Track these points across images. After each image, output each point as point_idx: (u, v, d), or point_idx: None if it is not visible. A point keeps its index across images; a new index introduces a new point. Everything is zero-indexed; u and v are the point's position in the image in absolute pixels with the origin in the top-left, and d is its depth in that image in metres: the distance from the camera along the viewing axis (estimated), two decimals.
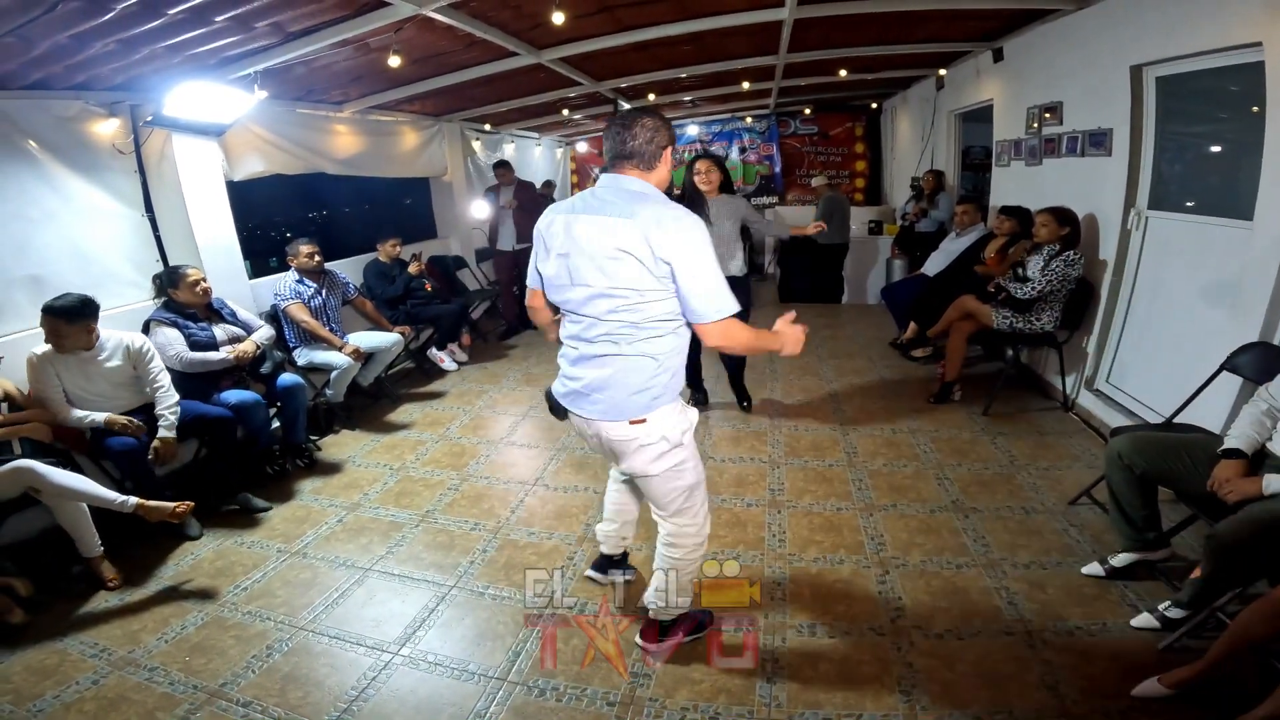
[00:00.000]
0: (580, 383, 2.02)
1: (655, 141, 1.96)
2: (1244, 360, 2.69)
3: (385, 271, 5.52)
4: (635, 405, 1.97)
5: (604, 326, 1.93)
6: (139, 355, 3.30)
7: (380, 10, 3.20)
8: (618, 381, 1.96)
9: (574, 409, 2.08)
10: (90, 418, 3.09)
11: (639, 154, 1.95)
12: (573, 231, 1.93)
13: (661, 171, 2.01)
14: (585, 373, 2.01)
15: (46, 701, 2.26)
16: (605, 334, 1.94)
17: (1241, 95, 3.07)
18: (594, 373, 1.99)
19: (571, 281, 1.95)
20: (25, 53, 2.93)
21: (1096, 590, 2.53)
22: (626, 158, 1.96)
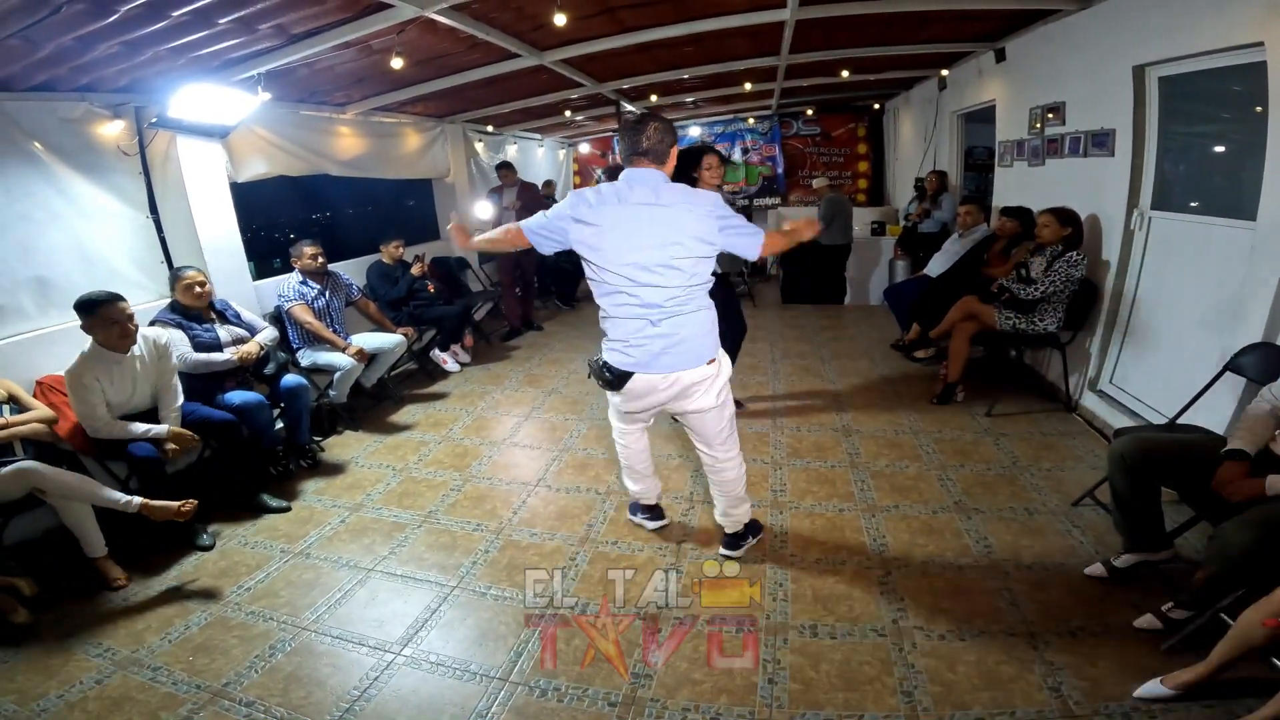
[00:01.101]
0: (659, 344, 2.43)
1: (665, 141, 2.39)
2: (1247, 361, 2.69)
3: (388, 273, 5.54)
4: (708, 348, 2.52)
5: (673, 293, 2.39)
6: (165, 351, 3.30)
7: (383, 12, 3.21)
8: (692, 334, 2.46)
9: (651, 370, 2.48)
10: (152, 431, 3.11)
11: (653, 151, 2.37)
12: (636, 218, 2.34)
13: (670, 165, 2.44)
14: (662, 334, 2.43)
15: (50, 701, 2.27)
16: (675, 299, 2.40)
17: (1244, 95, 3.06)
18: (673, 332, 2.43)
19: (643, 263, 2.35)
20: (30, 55, 2.94)
21: (1099, 591, 2.52)
22: (643, 154, 2.38)
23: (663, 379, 2.49)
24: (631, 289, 2.39)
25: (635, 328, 2.45)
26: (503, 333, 6.92)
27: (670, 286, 2.38)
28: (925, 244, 6.51)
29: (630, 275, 2.37)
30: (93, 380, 3.00)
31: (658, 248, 2.33)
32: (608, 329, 2.56)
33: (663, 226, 2.32)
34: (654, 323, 2.42)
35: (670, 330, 2.43)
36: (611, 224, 2.35)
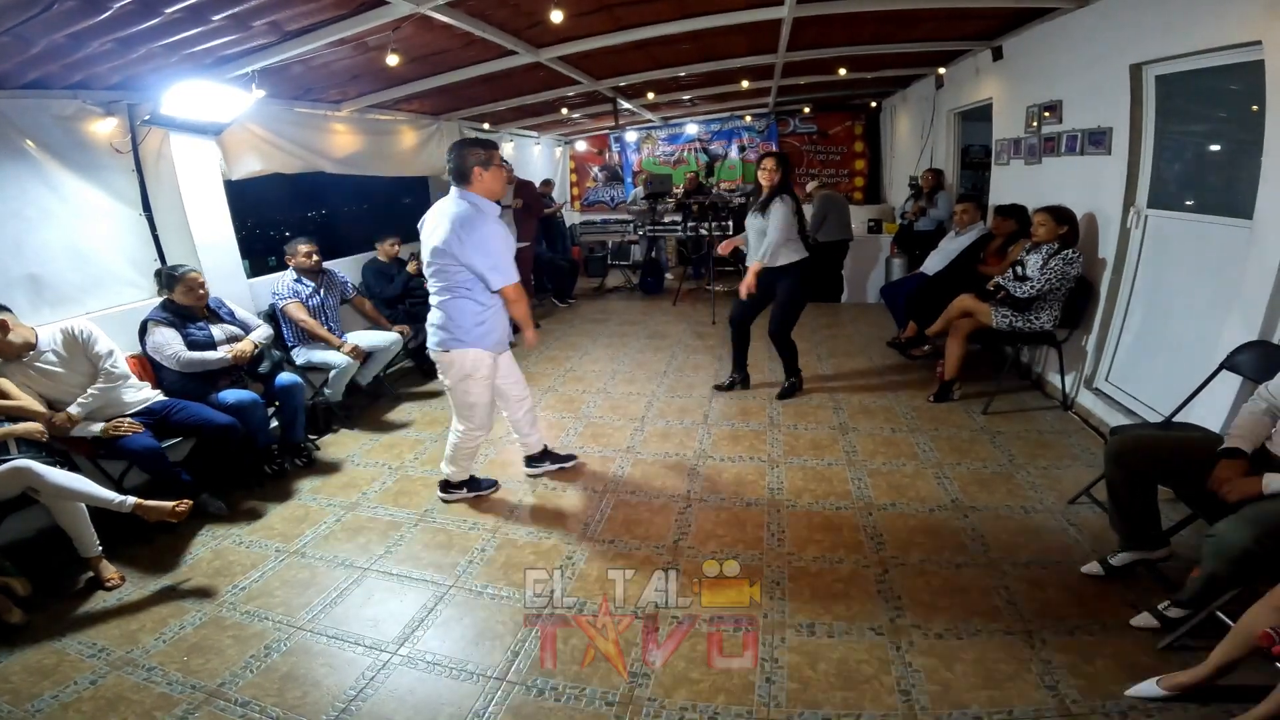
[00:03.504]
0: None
1: (464, 164, 2.93)
2: (1243, 359, 2.69)
3: (384, 271, 5.52)
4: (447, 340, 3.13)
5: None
6: (86, 344, 3.21)
7: (378, 9, 3.20)
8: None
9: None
10: (89, 430, 3.10)
11: (453, 172, 2.95)
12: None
13: (478, 185, 2.95)
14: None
15: (45, 701, 2.25)
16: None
17: (1241, 94, 3.07)
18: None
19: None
20: (22, 52, 2.92)
21: (1096, 589, 2.53)
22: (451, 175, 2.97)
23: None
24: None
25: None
26: None
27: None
28: (921, 242, 6.51)
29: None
30: (13, 380, 3.00)
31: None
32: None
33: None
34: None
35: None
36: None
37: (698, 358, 5.75)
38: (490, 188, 2.97)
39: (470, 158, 2.91)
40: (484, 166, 2.93)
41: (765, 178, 4.24)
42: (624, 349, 6.16)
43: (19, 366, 3.05)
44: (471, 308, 3.01)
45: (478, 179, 2.93)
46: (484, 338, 3.08)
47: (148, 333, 3.56)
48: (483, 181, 2.94)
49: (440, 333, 3.07)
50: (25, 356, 3.07)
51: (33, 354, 3.09)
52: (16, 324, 3.06)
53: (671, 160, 10.89)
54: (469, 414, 3.24)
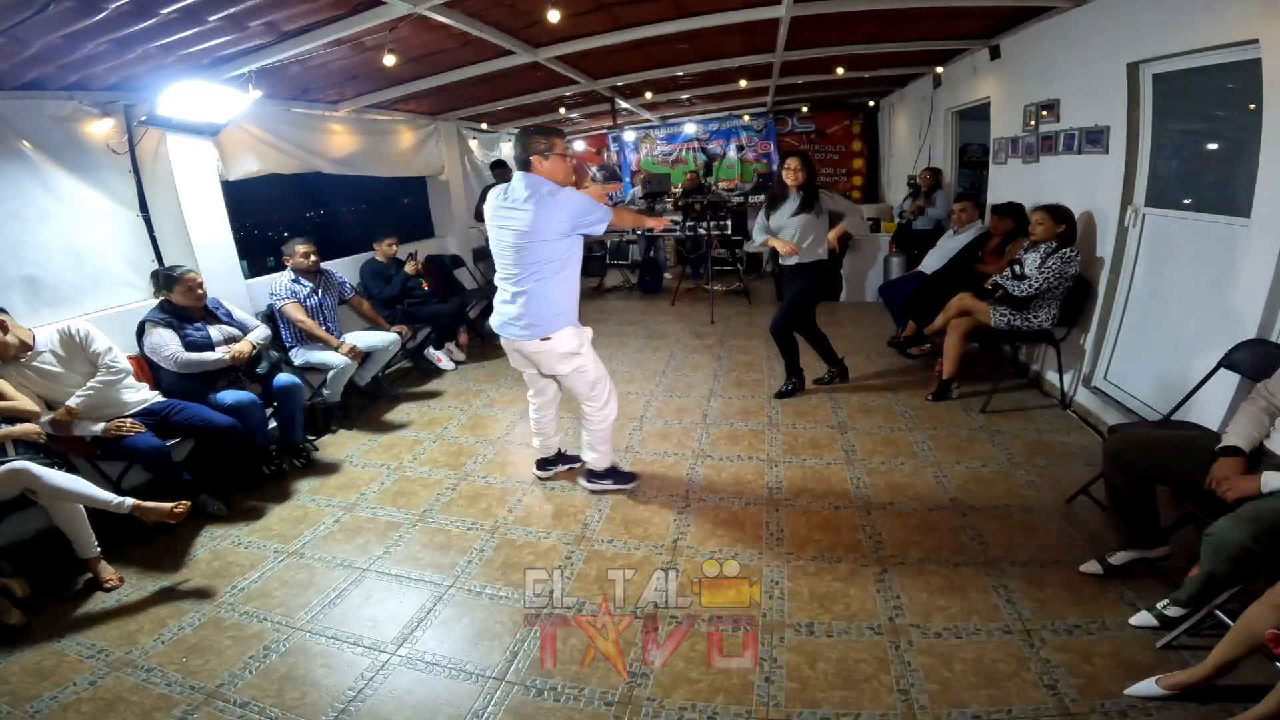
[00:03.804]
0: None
1: (526, 151, 2.94)
2: (1241, 357, 2.69)
3: (382, 271, 5.51)
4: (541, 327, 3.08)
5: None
6: (84, 343, 3.23)
7: (375, 9, 3.20)
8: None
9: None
10: (88, 430, 3.09)
11: (516, 159, 3.00)
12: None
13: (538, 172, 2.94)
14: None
15: (44, 703, 2.25)
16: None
17: (1238, 92, 3.07)
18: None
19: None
20: (18, 53, 2.92)
21: (1095, 588, 2.53)
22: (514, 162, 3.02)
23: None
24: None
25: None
26: None
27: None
28: (920, 241, 6.51)
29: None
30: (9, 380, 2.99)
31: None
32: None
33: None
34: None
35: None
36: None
37: (696, 357, 5.74)
38: (554, 174, 2.95)
39: (532, 145, 2.90)
40: (543, 156, 2.92)
41: (791, 177, 4.27)
42: (622, 349, 6.15)
43: (16, 368, 3.05)
44: (558, 287, 3.00)
45: (537, 166, 2.92)
46: (574, 312, 3.13)
47: (145, 334, 3.55)
48: (542, 170, 2.93)
49: (530, 322, 3.01)
50: (23, 358, 3.07)
51: (30, 355, 3.09)
52: (13, 325, 3.05)
53: (670, 160, 10.89)
54: (597, 390, 3.23)
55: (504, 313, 3.08)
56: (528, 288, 2.96)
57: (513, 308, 3.03)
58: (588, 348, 3.17)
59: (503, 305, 3.08)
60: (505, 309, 3.07)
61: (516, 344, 3.12)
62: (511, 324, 3.06)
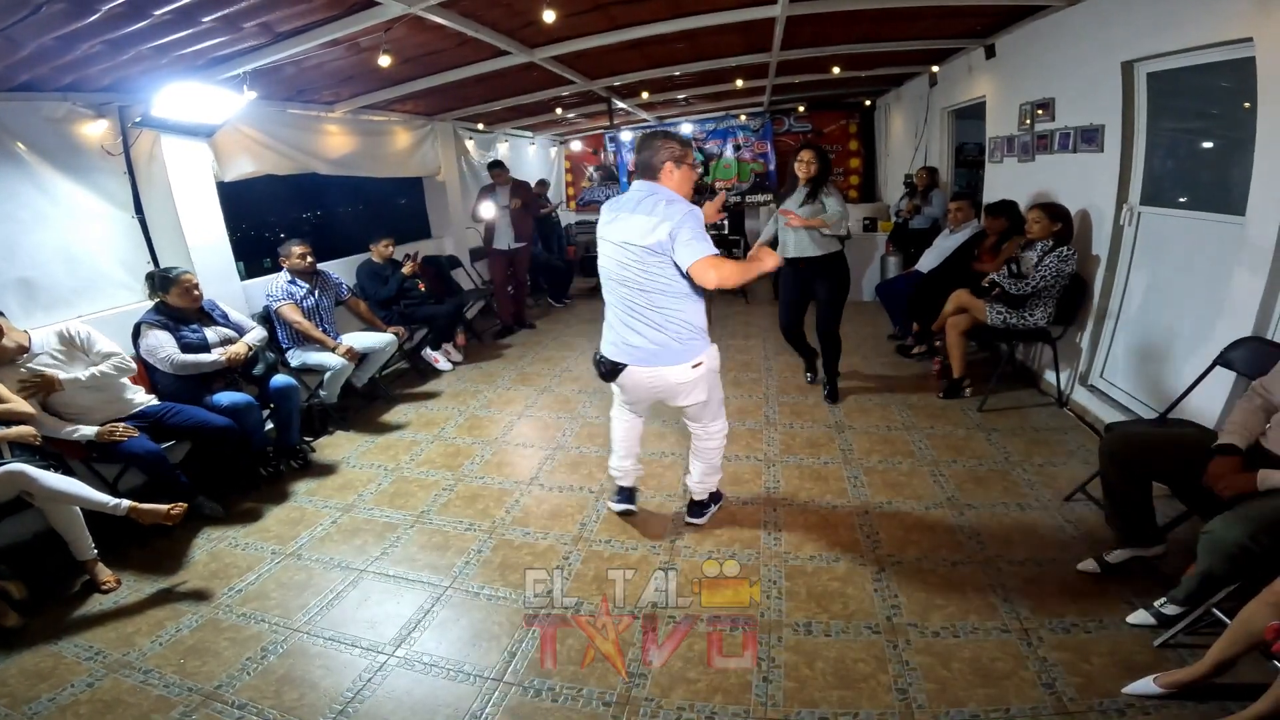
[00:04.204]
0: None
1: (657, 157, 2.60)
2: (1237, 355, 2.70)
3: (378, 272, 5.50)
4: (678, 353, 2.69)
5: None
6: (85, 344, 3.26)
7: (370, 10, 3.18)
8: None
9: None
10: (79, 431, 3.07)
11: (642, 165, 2.64)
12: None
13: (667, 182, 2.62)
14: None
15: (42, 705, 2.25)
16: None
17: (1232, 91, 3.08)
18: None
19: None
20: (12, 54, 2.90)
21: (1092, 587, 2.53)
22: (639, 167, 2.66)
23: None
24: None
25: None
26: (495, 331, 6.91)
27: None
28: (916, 240, 6.51)
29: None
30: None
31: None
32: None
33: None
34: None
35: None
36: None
37: None
38: (681, 188, 2.62)
39: (663, 151, 2.57)
40: (676, 164, 2.60)
41: (804, 170, 4.21)
42: None
43: (12, 369, 3.04)
44: (695, 304, 2.64)
45: (668, 175, 2.59)
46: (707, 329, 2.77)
47: (141, 335, 3.54)
48: (672, 179, 2.60)
49: (671, 348, 2.63)
50: (18, 360, 3.06)
51: (26, 356, 3.08)
52: (9, 328, 3.05)
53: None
54: (718, 409, 2.94)
55: (632, 341, 2.66)
56: (666, 308, 2.58)
57: (649, 332, 2.62)
58: (718, 363, 2.83)
59: (628, 331, 2.66)
60: (633, 336, 2.65)
61: (649, 375, 2.69)
62: (645, 352, 2.65)
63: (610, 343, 2.75)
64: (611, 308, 2.72)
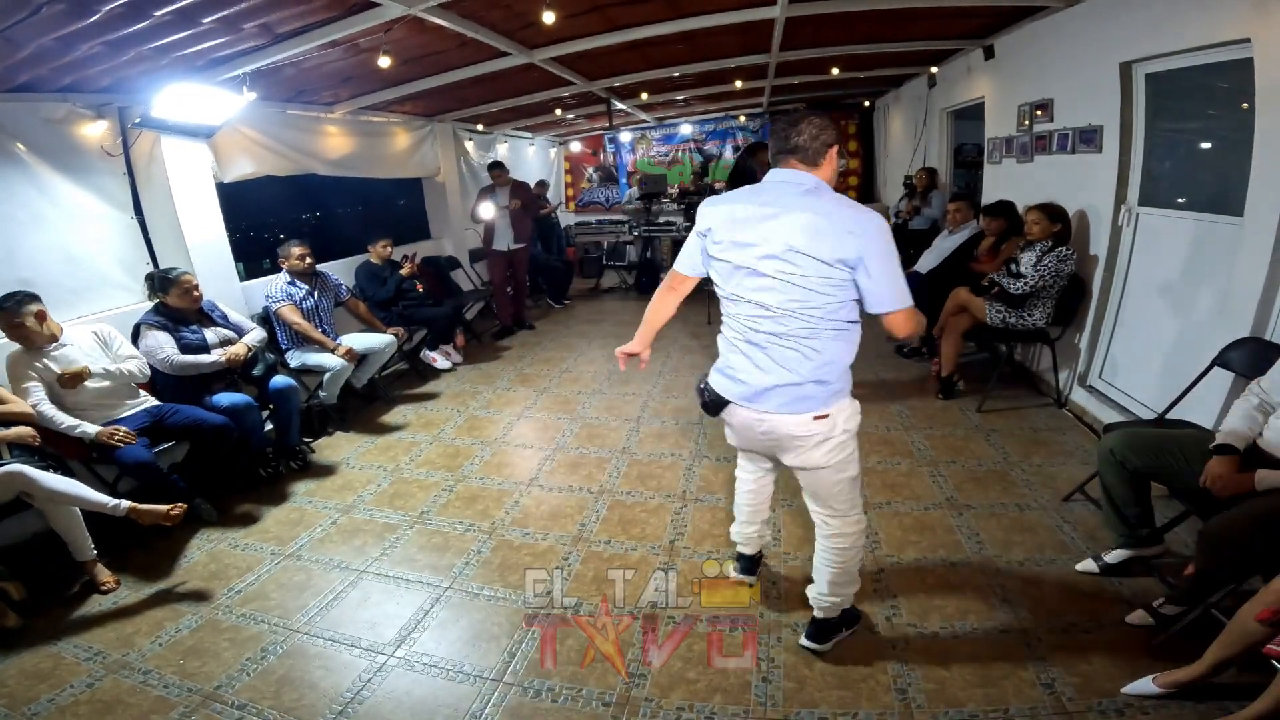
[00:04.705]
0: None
1: (820, 139, 1.98)
2: (1235, 355, 2.71)
3: (376, 273, 5.50)
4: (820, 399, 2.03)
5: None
6: (107, 342, 3.36)
7: (369, 11, 3.19)
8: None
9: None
10: (81, 428, 3.07)
11: (803, 149, 1.98)
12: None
13: (826, 171, 2.02)
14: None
15: (41, 705, 2.25)
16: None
17: (1230, 91, 3.08)
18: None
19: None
20: (11, 55, 2.91)
21: (1091, 587, 2.54)
22: (790, 152, 1.99)
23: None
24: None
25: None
26: (494, 332, 6.91)
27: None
28: (915, 241, 6.51)
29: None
30: (24, 368, 3.06)
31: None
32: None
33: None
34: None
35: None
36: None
37: (693, 358, 5.74)
38: (831, 177, 2.04)
39: (826, 133, 1.98)
40: (834, 147, 2.04)
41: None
42: None
43: (37, 354, 3.10)
44: (847, 342, 2.07)
45: (829, 163, 2.02)
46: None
47: (140, 336, 3.55)
48: (830, 166, 2.03)
49: (801, 390, 1.99)
50: (46, 347, 3.14)
51: (54, 345, 3.17)
52: (49, 317, 3.15)
53: (666, 160, 10.88)
54: (854, 492, 2.18)
55: (748, 376, 2.04)
56: (813, 341, 1.96)
57: (772, 367, 1.99)
58: (857, 425, 2.15)
59: (745, 362, 2.04)
60: (750, 370, 2.03)
61: (765, 420, 2.05)
62: (764, 393, 2.02)
63: (719, 370, 2.16)
64: (731, 329, 2.10)
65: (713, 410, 2.19)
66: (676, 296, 2.38)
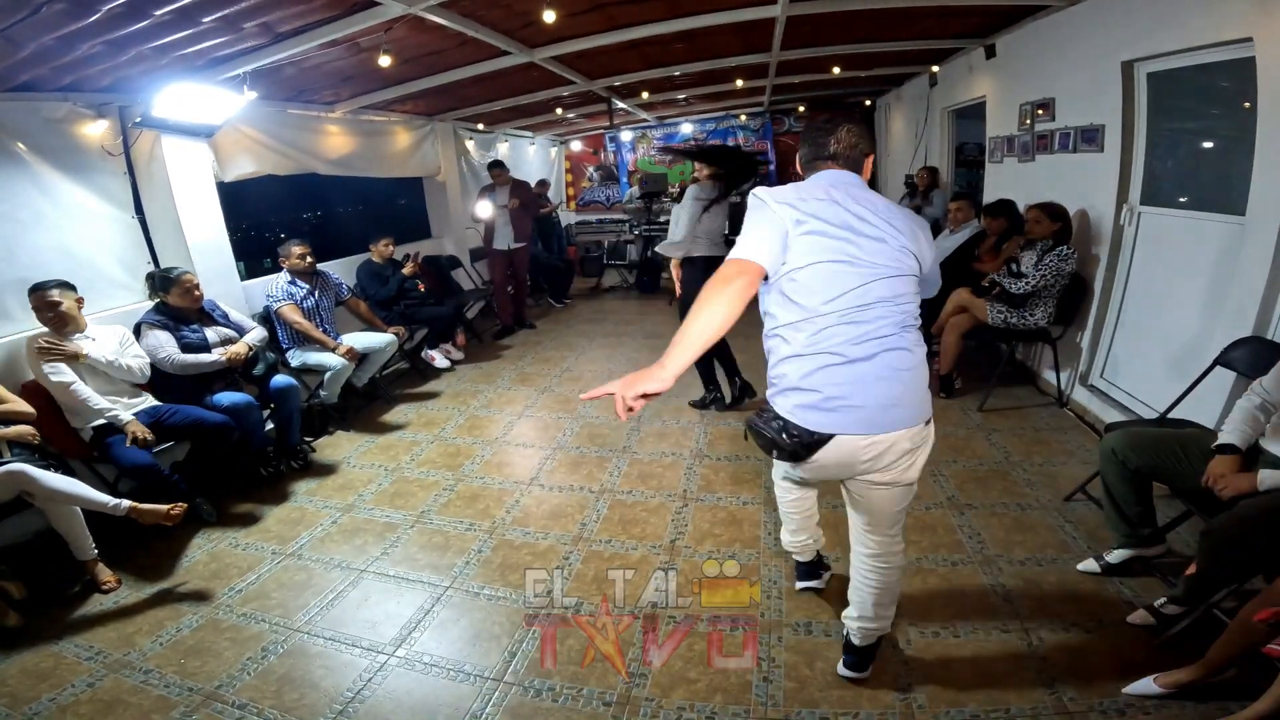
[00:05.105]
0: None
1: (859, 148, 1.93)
2: (1237, 355, 2.70)
3: (378, 272, 5.50)
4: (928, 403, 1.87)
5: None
6: (123, 341, 3.42)
7: (370, 10, 3.19)
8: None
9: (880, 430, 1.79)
10: (114, 412, 3.13)
11: (843, 156, 1.93)
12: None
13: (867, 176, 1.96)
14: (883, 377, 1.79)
15: (43, 705, 2.25)
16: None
17: (1232, 91, 3.08)
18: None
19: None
20: (12, 55, 2.90)
21: (1092, 587, 2.53)
22: (831, 158, 1.93)
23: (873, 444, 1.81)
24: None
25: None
26: (495, 331, 6.91)
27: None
28: None
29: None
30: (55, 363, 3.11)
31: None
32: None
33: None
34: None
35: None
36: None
37: None
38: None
39: (865, 142, 1.95)
40: (870, 156, 2.00)
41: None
42: (620, 349, 6.16)
43: (61, 336, 3.19)
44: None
45: (866, 172, 1.96)
46: None
47: (141, 335, 3.55)
48: (867, 176, 1.97)
49: (915, 398, 1.83)
50: (68, 329, 3.21)
51: (75, 331, 3.24)
52: (79, 311, 3.27)
53: (667, 160, 10.88)
54: (903, 513, 2.03)
55: (857, 395, 1.76)
56: (913, 341, 1.85)
57: (892, 380, 1.78)
58: None
59: (852, 376, 1.77)
60: (869, 386, 1.76)
61: (877, 442, 1.80)
62: (888, 409, 1.79)
63: (856, 404, 1.77)
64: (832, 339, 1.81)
65: (805, 454, 1.88)
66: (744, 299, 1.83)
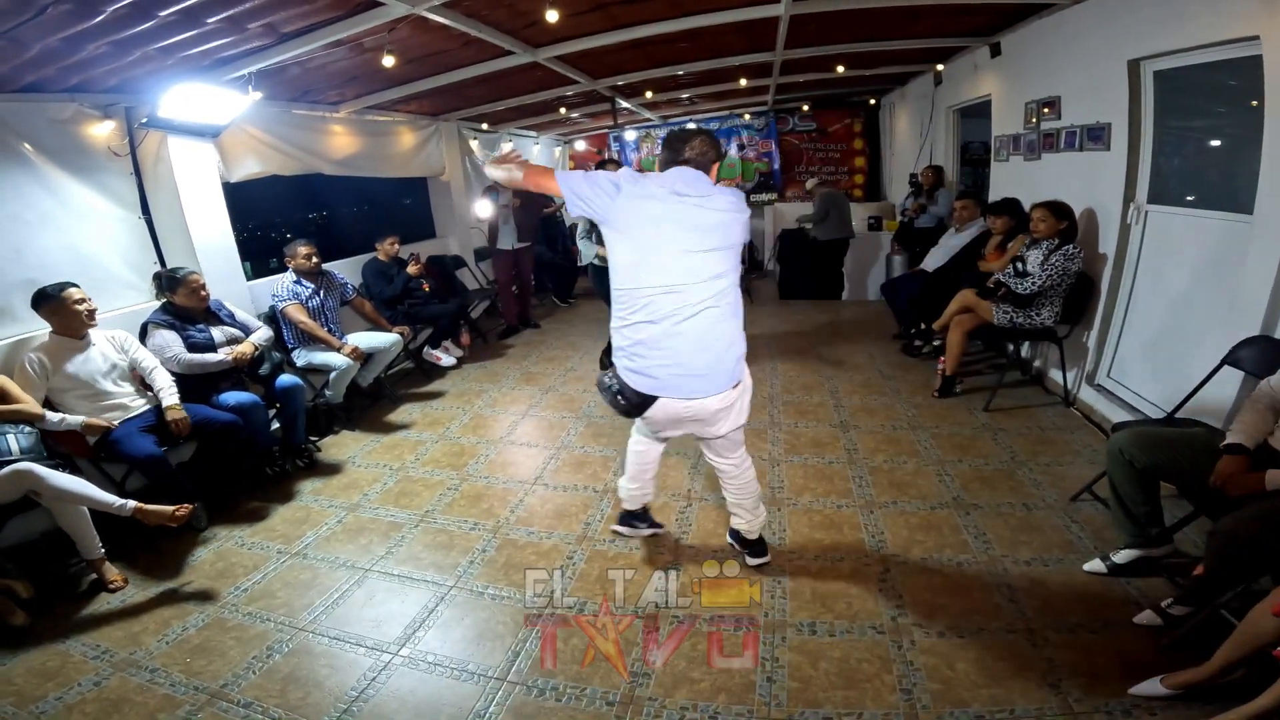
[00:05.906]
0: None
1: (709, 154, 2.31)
2: (1245, 354, 2.69)
3: (384, 271, 5.52)
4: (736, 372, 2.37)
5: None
6: (123, 346, 3.41)
7: (374, 10, 3.19)
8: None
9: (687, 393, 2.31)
10: (64, 420, 3.07)
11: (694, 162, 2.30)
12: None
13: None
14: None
15: (49, 703, 2.26)
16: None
17: (1239, 89, 3.06)
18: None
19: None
20: (18, 55, 2.92)
21: (1098, 587, 2.52)
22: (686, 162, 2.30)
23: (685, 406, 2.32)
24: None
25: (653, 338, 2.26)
26: (499, 331, 6.91)
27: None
28: (922, 239, 6.49)
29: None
30: (36, 360, 3.12)
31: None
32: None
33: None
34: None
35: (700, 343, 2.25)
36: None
37: None
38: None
39: (715, 150, 2.33)
40: (719, 162, 2.37)
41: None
42: None
43: (73, 344, 3.25)
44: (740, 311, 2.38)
45: (713, 174, 2.32)
46: None
47: (148, 335, 3.56)
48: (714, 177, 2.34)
49: (732, 365, 2.34)
50: (81, 340, 3.26)
51: (84, 339, 3.27)
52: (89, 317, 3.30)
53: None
54: (741, 435, 2.61)
55: (688, 362, 2.25)
56: (733, 309, 2.32)
57: (713, 348, 2.27)
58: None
59: (681, 350, 2.25)
60: (692, 355, 2.25)
61: (698, 403, 2.33)
62: (702, 376, 2.28)
63: (662, 366, 2.27)
64: (663, 317, 2.23)
65: (636, 412, 2.42)
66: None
